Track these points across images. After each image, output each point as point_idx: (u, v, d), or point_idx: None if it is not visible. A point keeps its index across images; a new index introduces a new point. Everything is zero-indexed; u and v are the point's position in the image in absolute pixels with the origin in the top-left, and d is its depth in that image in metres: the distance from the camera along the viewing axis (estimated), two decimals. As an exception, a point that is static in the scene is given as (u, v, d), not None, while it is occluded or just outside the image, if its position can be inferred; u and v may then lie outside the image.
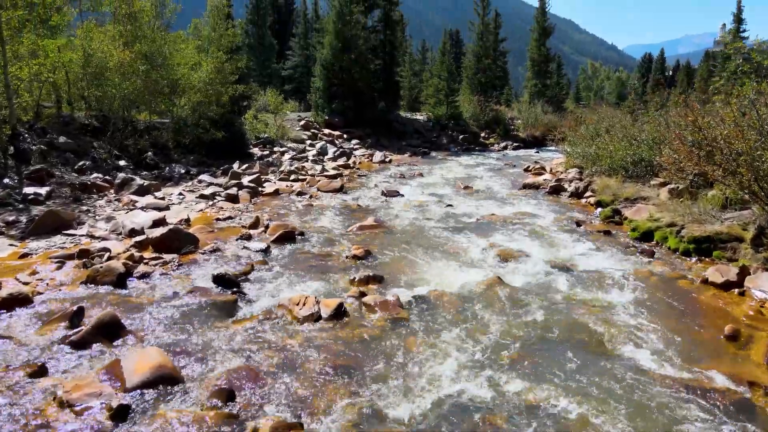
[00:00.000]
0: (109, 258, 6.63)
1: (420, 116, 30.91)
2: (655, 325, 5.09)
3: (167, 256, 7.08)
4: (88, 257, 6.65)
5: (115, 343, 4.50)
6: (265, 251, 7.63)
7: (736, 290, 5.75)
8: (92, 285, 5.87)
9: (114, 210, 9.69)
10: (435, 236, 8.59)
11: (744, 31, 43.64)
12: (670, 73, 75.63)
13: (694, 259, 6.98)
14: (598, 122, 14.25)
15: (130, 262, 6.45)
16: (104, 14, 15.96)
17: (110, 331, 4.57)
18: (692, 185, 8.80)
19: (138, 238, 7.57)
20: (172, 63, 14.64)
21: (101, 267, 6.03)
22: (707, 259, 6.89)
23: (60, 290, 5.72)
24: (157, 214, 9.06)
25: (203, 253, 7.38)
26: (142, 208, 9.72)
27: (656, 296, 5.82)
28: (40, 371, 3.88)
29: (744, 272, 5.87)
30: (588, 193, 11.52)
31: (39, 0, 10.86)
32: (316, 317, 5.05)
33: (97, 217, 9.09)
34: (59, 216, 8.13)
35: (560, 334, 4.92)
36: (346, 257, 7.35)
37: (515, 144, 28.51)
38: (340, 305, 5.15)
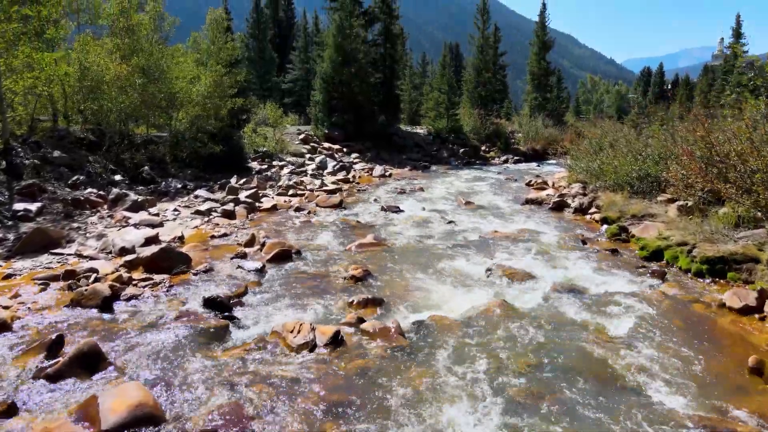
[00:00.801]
0: (96, 279, 6.33)
1: (420, 130, 30.79)
2: (672, 355, 4.78)
3: (157, 277, 6.78)
4: (74, 278, 6.36)
5: (94, 377, 4.18)
6: (260, 271, 7.34)
7: (757, 315, 5.45)
8: (76, 309, 5.57)
9: (106, 227, 9.41)
10: (436, 255, 8.30)
11: (743, 45, 43.74)
12: (669, 86, 75.87)
13: (707, 281, 6.68)
14: (601, 136, 14.04)
15: (117, 284, 6.15)
16: (102, 27, 15.85)
17: (89, 362, 4.26)
18: (701, 202, 8.53)
19: (128, 258, 7.28)
20: (170, 76, 14.47)
21: (86, 290, 5.73)
22: (722, 281, 6.58)
23: (42, 315, 5.42)
24: (150, 232, 8.78)
25: (196, 274, 7.09)
26: (135, 225, 9.43)
27: (671, 322, 5.51)
28: (9, 410, 3.57)
29: (763, 296, 5.57)
30: (592, 210, 11.25)
31: (34, 13, 10.68)
32: (311, 346, 4.74)
33: (87, 235, 8.81)
34: (47, 234, 7.85)
35: (571, 366, 4.60)
36: (344, 278, 7.06)
37: (516, 158, 28.35)
38: (337, 333, 4.85)
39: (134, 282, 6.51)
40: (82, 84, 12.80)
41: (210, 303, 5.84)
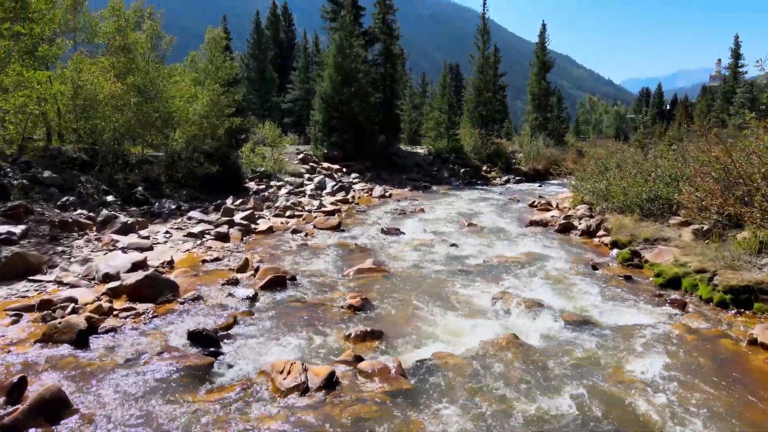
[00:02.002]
0: (74, 310, 5.87)
1: (420, 150, 30.57)
2: (702, 400, 4.31)
3: (141, 306, 6.33)
4: (49, 309, 5.90)
5: (56, 427, 3.70)
6: (252, 299, 6.88)
7: (791, 353, 4.99)
8: (47, 344, 5.10)
9: (92, 251, 8.97)
10: (439, 281, 7.84)
11: (742, 66, 43.96)
12: (668, 107, 76.22)
13: (732, 312, 6.21)
14: (607, 157, 13.69)
15: (96, 316, 5.69)
16: (100, 46, 15.66)
17: (52, 410, 3.79)
18: (717, 225, 8.11)
19: (111, 285, 6.83)
20: (166, 95, 14.20)
21: (59, 323, 5.27)
22: (748, 312, 6.12)
23: (9, 351, 4.95)
24: (138, 256, 8.35)
25: (183, 302, 6.63)
26: (123, 249, 9.00)
27: (698, 360, 5.04)
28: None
29: (797, 331, 5.11)
30: (601, 232, 10.82)
31: (26, 30, 10.43)
32: (302, 389, 4.26)
33: (72, 260, 8.36)
34: (27, 259, 7.41)
35: (589, 412, 4.12)
36: (342, 307, 6.60)
37: (517, 178, 28.05)
38: (332, 375, 4.37)
39: (115, 312, 6.05)
40: (75, 103, 12.51)
41: (195, 337, 5.38)
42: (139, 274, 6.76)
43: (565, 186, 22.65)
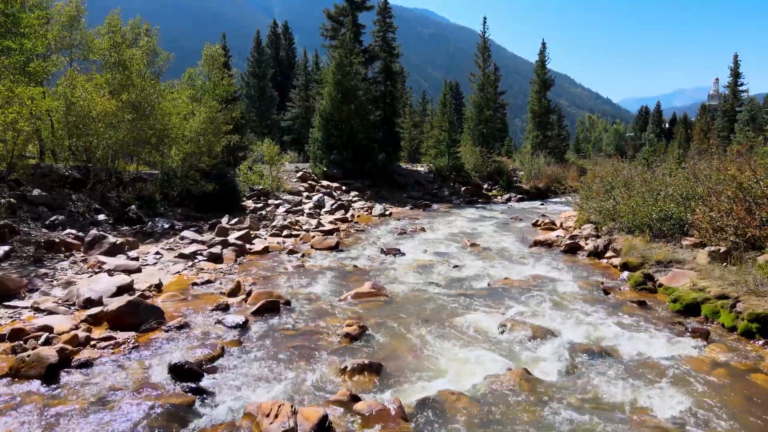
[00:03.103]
0: (47, 341, 5.42)
1: (421, 167, 30.31)
2: (741, 446, 3.84)
3: (122, 335, 5.88)
4: (21, 339, 5.45)
5: (6, 484, 3.25)
6: (243, 327, 6.43)
7: (832, 390, 4.53)
8: (14, 380, 4.65)
9: (77, 273, 8.54)
10: (442, 307, 7.40)
11: (742, 84, 44.00)
12: (667, 125, 76.46)
13: (759, 342, 5.75)
14: (613, 175, 13.33)
15: (70, 347, 5.23)
16: (96, 63, 15.44)
17: (5, 463, 3.33)
18: (735, 247, 7.69)
19: (92, 311, 6.39)
20: (162, 112, 13.92)
21: (29, 355, 4.83)
22: (776, 343, 5.67)
23: (-30, 388, 4.49)
24: (124, 279, 7.90)
25: (167, 330, 6.18)
26: (109, 271, 8.56)
27: (729, 398, 4.58)
28: None
29: (836, 365, 4.66)
30: (609, 253, 10.40)
31: (17, 45, 10.16)
32: (291, 435, 3.80)
33: (54, 283, 7.92)
34: (4, 283, 6.97)
35: (618, 461, 3.66)
36: (338, 336, 6.14)
37: (519, 196, 27.71)
38: (324, 419, 3.91)
39: (93, 342, 5.60)
40: (67, 119, 12.20)
41: (177, 371, 4.92)
42: (122, 300, 6.32)
43: (567, 204, 22.32)
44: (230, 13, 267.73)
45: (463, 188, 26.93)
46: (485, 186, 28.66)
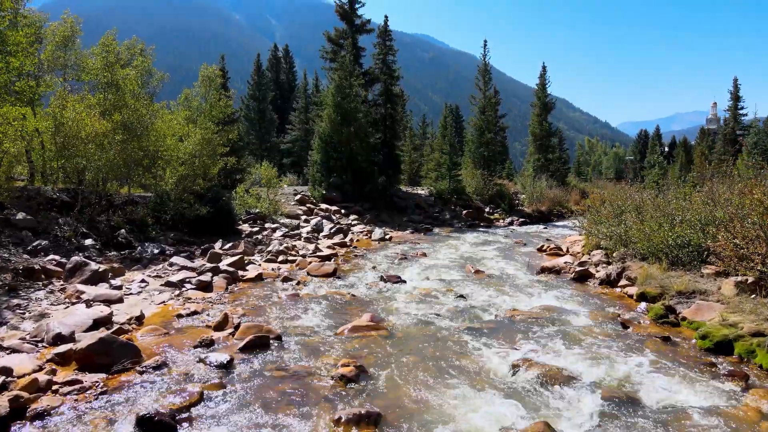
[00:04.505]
0: (3, 385, 4.80)
1: (421, 190, 29.86)
2: None
3: (90, 378, 5.26)
4: (-26, 383, 4.83)
5: None
6: (227, 366, 5.82)
7: None
8: (-45, 436, 4.02)
9: (52, 304, 7.93)
10: (447, 343, 6.77)
11: (742, 108, 43.93)
12: (667, 149, 76.57)
13: (806, 388, 5.13)
14: (623, 198, 12.81)
15: (27, 394, 4.62)
16: (90, 83, 15.09)
17: None
18: (763, 277, 7.11)
19: (60, 349, 5.78)
20: (155, 134, 13.49)
21: (-25, 406, 4.21)
22: (825, 388, 5.05)
23: None
24: (102, 311, 7.31)
25: (143, 371, 5.56)
26: (88, 302, 7.96)
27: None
28: None
29: None
30: (623, 282, 9.80)
31: (2, 64, 9.77)
32: None
33: (26, 315, 7.31)
34: (-33, 317, 6.37)
35: None
36: (332, 378, 5.52)
37: (521, 219, 27.18)
38: (311, 491, 3.28)
39: (55, 387, 4.97)
40: (55, 140, 11.76)
41: (145, 423, 4.30)
42: (93, 337, 5.71)
43: (571, 228, 21.76)
44: (233, 37, 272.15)
45: (464, 212, 26.41)
46: (487, 209, 28.16)
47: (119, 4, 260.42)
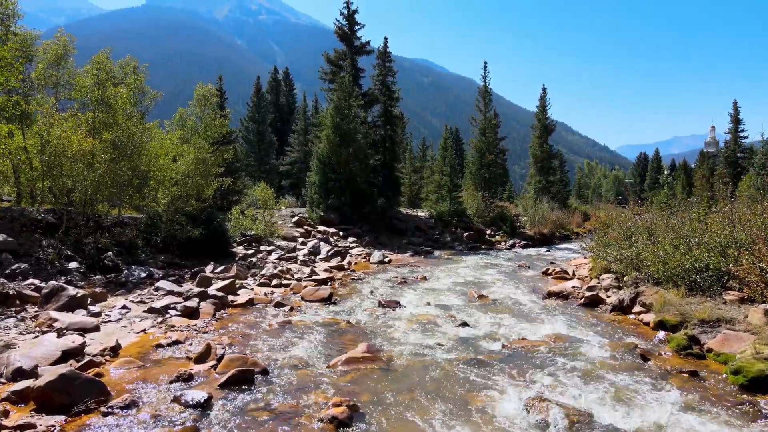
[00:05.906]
0: (-59, 431, 4.18)
1: (421, 213, 29.34)
2: None
3: (46, 421, 4.64)
4: None
5: None
6: (204, 405, 5.18)
7: None
8: None
9: (21, 332, 7.31)
10: (450, 377, 6.14)
11: (743, 131, 43.81)
12: (666, 172, 76.56)
13: None
14: (632, 219, 12.27)
15: (-34, 443, 4.00)
16: (82, 101, 14.73)
17: None
18: (794, 305, 6.53)
19: (18, 386, 5.16)
20: (146, 153, 13.04)
21: None
22: None
23: None
24: (73, 341, 6.69)
25: (107, 413, 4.93)
26: (60, 330, 7.34)
27: None
28: None
29: None
30: (637, 308, 9.18)
31: (-16, 79, 9.38)
32: None
33: (-10, 345, 6.69)
34: None
35: None
36: (321, 420, 4.88)
37: (523, 242, 26.57)
38: None
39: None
40: (41, 159, 11.30)
41: (100, 479, 3.66)
42: (54, 373, 5.10)
43: (575, 251, 21.17)
44: (236, 61, 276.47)
45: (465, 234, 25.83)
46: (488, 232, 27.59)
47: (126, 27, 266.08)
